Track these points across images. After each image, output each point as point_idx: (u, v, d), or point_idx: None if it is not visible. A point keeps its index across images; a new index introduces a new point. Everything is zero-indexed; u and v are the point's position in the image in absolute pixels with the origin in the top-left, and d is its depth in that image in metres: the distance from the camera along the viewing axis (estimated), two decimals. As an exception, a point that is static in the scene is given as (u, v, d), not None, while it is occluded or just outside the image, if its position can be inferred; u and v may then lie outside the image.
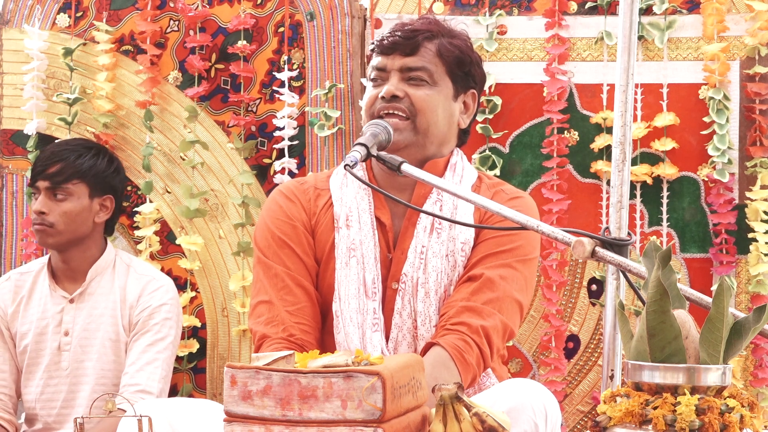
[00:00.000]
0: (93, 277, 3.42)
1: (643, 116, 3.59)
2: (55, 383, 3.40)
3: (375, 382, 1.89)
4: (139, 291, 3.41)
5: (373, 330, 2.56)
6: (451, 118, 2.70)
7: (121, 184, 3.53)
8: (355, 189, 2.67)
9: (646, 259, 1.90)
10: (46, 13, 3.82)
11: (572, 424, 3.62)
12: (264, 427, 1.91)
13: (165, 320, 3.39)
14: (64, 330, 3.40)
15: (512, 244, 2.62)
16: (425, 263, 2.59)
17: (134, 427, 2.19)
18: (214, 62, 3.77)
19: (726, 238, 3.54)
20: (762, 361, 3.52)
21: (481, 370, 2.54)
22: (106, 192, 3.46)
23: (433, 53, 2.66)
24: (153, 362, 3.33)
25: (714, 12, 3.53)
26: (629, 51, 2.34)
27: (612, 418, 1.82)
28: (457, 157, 2.71)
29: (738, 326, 1.81)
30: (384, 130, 2.55)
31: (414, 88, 2.64)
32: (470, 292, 2.55)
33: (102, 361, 3.39)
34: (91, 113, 3.79)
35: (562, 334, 3.59)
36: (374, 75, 2.69)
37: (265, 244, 2.67)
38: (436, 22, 2.72)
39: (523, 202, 2.69)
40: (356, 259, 2.60)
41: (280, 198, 2.72)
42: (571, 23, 3.64)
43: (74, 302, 3.41)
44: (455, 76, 2.69)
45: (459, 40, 2.71)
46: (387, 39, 2.67)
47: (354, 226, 2.63)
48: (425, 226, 2.61)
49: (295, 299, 2.61)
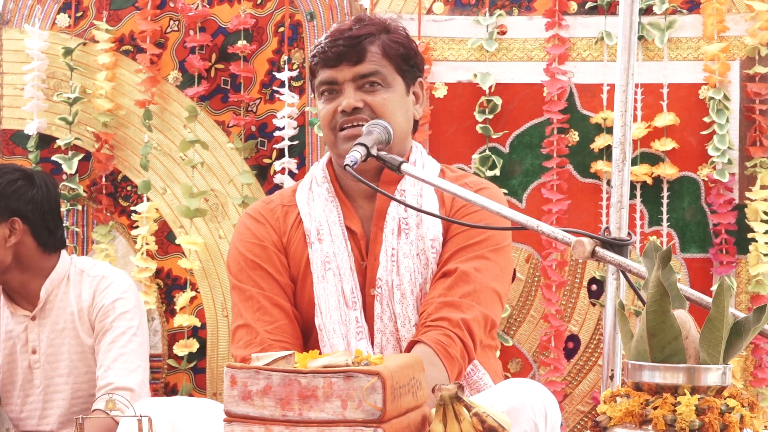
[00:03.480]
0: (47, 294, 3.36)
1: (643, 116, 3.59)
2: (31, 401, 3.39)
3: (375, 382, 1.89)
4: (92, 293, 3.36)
5: (358, 339, 2.57)
6: (408, 114, 2.70)
7: (27, 204, 3.34)
8: (323, 202, 2.67)
9: (646, 259, 1.90)
10: (46, 13, 3.82)
11: (572, 424, 3.62)
12: (264, 427, 1.91)
13: (122, 315, 3.33)
14: (31, 348, 3.37)
15: (483, 235, 2.61)
16: (397, 265, 2.59)
17: (134, 427, 2.19)
18: (214, 62, 3.77)
19: (726, 238, 3.55)
20: (762, 361, 3.52)
21: (466, 363, 2.53)
22: (8, 216, 3.32)
23: (380, 55, 2.64)
24: (119, 358, 3.29)
25: (714, 12, 3.54)
26: (629, 51, 2.34)
27: (612, 418, 1.82)
28: (416, 154, 2.72)
29: (738, 326, 1.81)
30: (384, 130, 2.55)
31: (371, 95, 2.63)
32: (446, 287, 2.55)
33: (74, 375, 3.36)
34: (91, 113, 3.79)
35: (562, 334, 3.59)
36: (324, 89, 2.65)
37: (237, 268, 2.67)
38: (372, 21, 2.69)
39: (490, 192, 2.67)
40: (332, 271, 2.60)
41: (248, 221, 2.72)
42: (571, 23, 3.64)
43: (36, 319, 3.36)
44: (403, 71, 2.68)
45: (398, 35, 2.69)
46: (330, 50, 2.63)
47: (326, 239, 2.63)
48: (392, 228, 2.61)
49: (272, 318, 2.60)
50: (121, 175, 3.81)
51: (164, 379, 3.75)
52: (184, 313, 3.72)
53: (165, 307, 3.77)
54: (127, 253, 3.78)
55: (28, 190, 3.36)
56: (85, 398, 3.35)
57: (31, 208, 3.35)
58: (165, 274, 3.78)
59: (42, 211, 3.37)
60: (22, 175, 3.38)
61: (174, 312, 3.74)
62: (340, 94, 2.64)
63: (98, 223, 3.79)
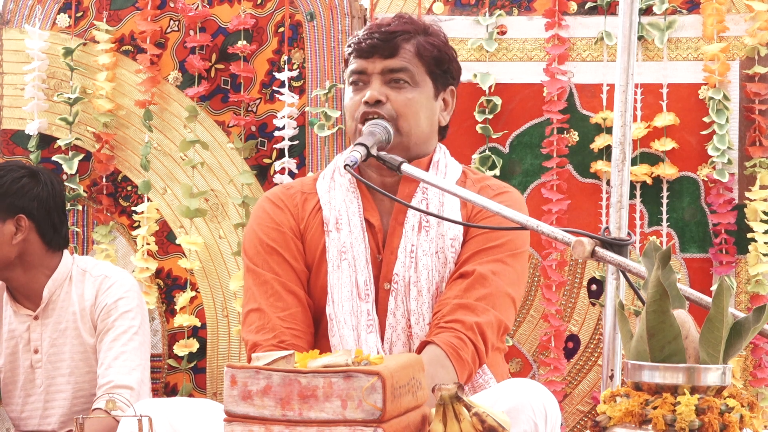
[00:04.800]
0: (51, 293, 3.35)
1: (643, 116, 3.59)
2: (33, 401, 3.39)
3: (375, 382, 1.89)
4: (95, 293, 3.36)
5: (368, 331, 2.56)
6: (432, 117, 2.69)
7: (32, 202, 3.35)
8: (344, 192, 2.66)
9: (646, 259, 1.90)
10: (47, 13, 3.83)
11: (572, 424, 3.62)
12: (264, 427, 1.91)
13: (124, 314, 3.33)
14: (34, 347, 3.37)
15: (502, 239, 2.61)
16: (416, 262, 2.59)
17: (134, 427, 2.19)
18: (214, 62, 3.78)
19: (726, 238, 3.55)
20: (761, 361, 3.52)
21: (476, 366, 2.54)
22: (14, 213, 3.32)
23: (413, 54, 2.65)
24: (120, 356, 3.28)
25: (714, 12, 3.54)
26: (629, 51, 2.34)
27: (612, 418, 1.82)
28: (440, 154, 2.71)
29: (738, 326, 1.81)
30: (384, 130, 2.55)
31: (396, 91, 2.63)
32: (463, 288, 2.55)
33: (75, 374, 3.36)
34: (92, 113, 3.79)
35: (562, 334, 3.59)
36: (354, 79, 2.67)
37: (253, 252, 2.66)
38: (411, 21, 2.70)
39: (510, 197, 2.68)
40: (347, 261, 2.60)
41: (267, 205, 2.72)
42: (571, 23, 3.64)
43: (39, 319, 3.36)
44: (435, 75, 2.69)
45: (436, 38, 2.70)
46: (365, 42, 2.65)
47: (344, 229, 2.62)
48: (413, 224, 2.61)
49: (285, 305, 2.60)
50: (121, 176, 3.81)
51: (164, 379, 3.75)
52: (184, 313, 3.72)
53: (165, 307, 3.78)
54: (128, 253, 3.78)
55: (34, 186, 3.36)
56: (86, 398, 3.35)
57: (36, 206, 3.35)
58: (165, 274, 3.78)
59: (47, 208, 3.37)
60: (28, 172, 3.38)
61: (174, 312, 3.74)
62: (367, 85, 2.65)
63: (99, 224, 3.79)
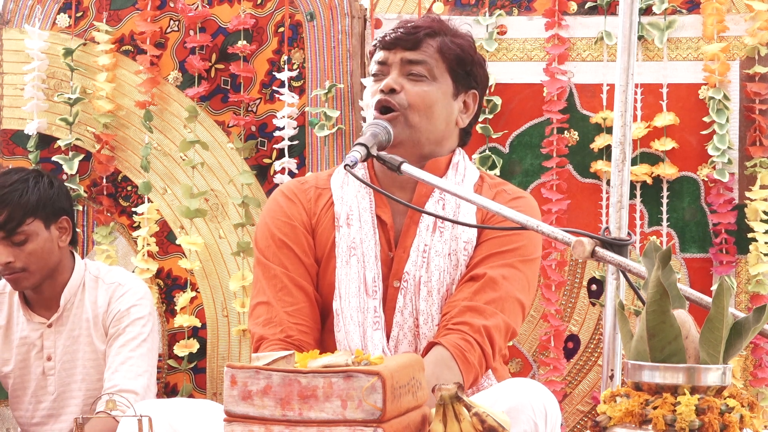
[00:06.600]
0: (66, 300, 3.37)
1: (643, 116, 3.59)
2: (43, 407, 3.40)
3: (375, 382, 1.89)
4: (108, 299, 3.37)
5: (374, 328, 2.56)
6: (449, 116, 2.69)
7: (68, 201, 3.41)
8: (356, 188, 2.67)
9: (646, 259, 1.90)
10: (47, 13, 3.83)
11: (572, 424, 3.62)
12: (264, 427, 1.91)
13: (136, 321, 3.34)
14: (47, 355, 3.37)
15: (515, 244, 2.61)
16: (428, 262, 2.59)
17: (134, 427, 2.19)
18: (214, 62, 3.78)
19: (726, 238, 3.55)
20: (762, 360, 3.52)
21: (483, 370, 2.53)
22: (59, 215, 3.35)
23: (434, 49, 2.66)
24: (127, 361, 3.29)
25: (714, 12, 3.54)
26: (629, 51, 2.34)
27: (612, 418, 1.82)
28: (459, 157, 2.71)
29: (738, 326, 1.81)
30: (384, 130, 2.55)
31: (412, 83, 2.63)
32: (473, 291, 2.55)
33: (87, 381, 3.37)
34: (92, 113, 3.79)
35: (562, 334, 3.59)
36: (376, 69, 2.69)
37: (264, 244, 2.67)
38: (440, 21, 2.72)
39: (525, 203, 2.69)
40: (356, 257, 2.60)
41: (280, 198, 2.72)
42: (571, 23, 3.64)
43: (53, 326, 3.37)
44: (456, 74, 2.68)
45: (462, 40, 2.71)
46: (389, 35, 2.68)
47: (354, 224, 2.63)
48: (428, 224, 2.62)
49: (293, 300, 2.60)
50: (121, 176, 3.81)
51: (164, 379, 3.75)
52: (185, 314, 3.72)
53: (165, 307, 3.78)
54: (128, 254, 3.78)
55: (63, 188, 3.41)
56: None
57: (69, 205, 3.42)
58: (165, 275, 3.78)
59: (72, 208, 3.46)
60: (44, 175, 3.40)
61: (174, 312, 3.74)
62: (386, 75, 2.66)
63: (99, 224, 3.79)
